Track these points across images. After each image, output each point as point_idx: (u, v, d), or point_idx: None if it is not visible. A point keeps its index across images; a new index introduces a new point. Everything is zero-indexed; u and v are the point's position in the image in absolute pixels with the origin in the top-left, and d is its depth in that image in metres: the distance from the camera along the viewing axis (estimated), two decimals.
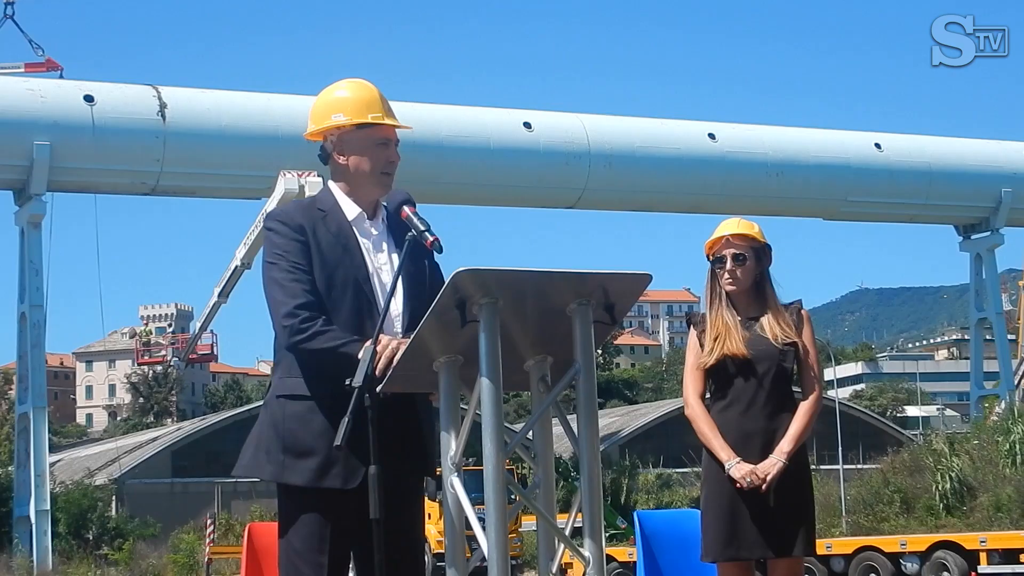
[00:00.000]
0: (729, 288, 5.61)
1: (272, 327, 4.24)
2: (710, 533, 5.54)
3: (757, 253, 5.61)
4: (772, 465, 5.41)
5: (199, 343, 55.53)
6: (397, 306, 4.27)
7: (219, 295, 38.93)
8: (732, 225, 5.67)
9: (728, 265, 5.59)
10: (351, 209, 4.34)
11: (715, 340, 5.55)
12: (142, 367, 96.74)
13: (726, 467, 5.45)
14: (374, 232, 4.35)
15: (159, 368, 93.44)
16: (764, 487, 5.38)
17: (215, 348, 64.58)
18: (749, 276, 5.60)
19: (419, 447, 4.29)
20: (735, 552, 5.47)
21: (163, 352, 67.12)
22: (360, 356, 3.95)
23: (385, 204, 4.36)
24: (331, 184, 4.42)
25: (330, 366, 4.11)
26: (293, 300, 4.17)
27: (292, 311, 4.15)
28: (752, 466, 5.41)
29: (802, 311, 5.67)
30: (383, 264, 4.32)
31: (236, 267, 36.70)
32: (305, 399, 4.21)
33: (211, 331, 55.46)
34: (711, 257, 5.67)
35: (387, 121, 4.33)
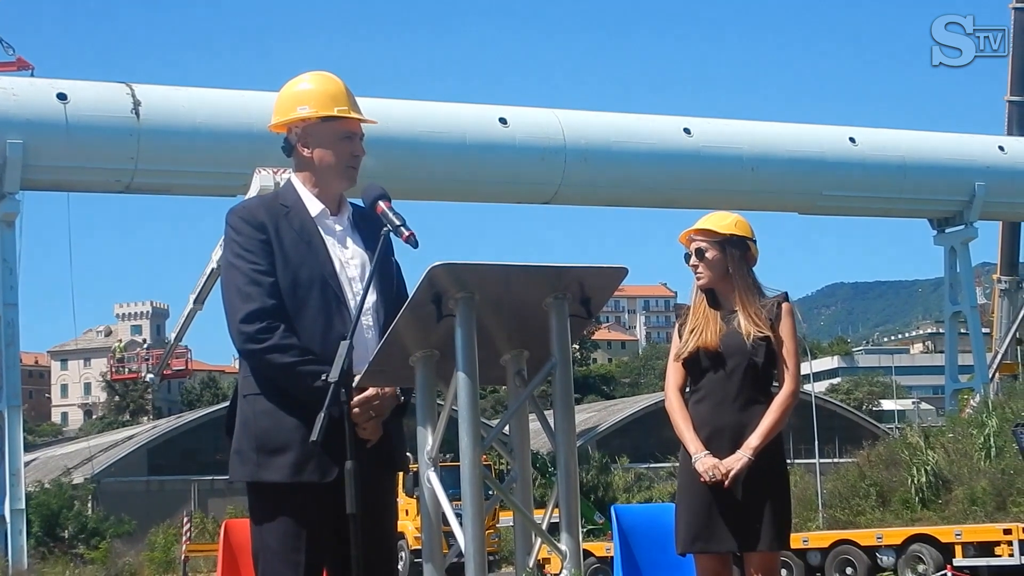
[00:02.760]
0: (698, 282, 5.65)
1: (228, 329, 4.18)
2: (681, 525, 5.57)
3: (721, 246, 5.62)
4: (737, 460, 5.42)
5: (173, 358, 55.12)
6: (368, 301, 4.21)
7: (195, 302, 38.68)
8: (700, 220, 5.72)
9: (691, 260, 5.65)
10: (314, 205, 4.29)
11: (691, 332, 5.59)
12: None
13: (692, 460, 5.48)
14: (338, 228, 4.31)
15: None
16: (727, 482, 5.40)
17: (188, 363, 64.07)
18: (715, 268, 5.61)
19: (392, 442, 4.26)
20: (704, 545, 5.49)
21: (136, 367, 66.44)
22: (336, 354, 3.90)
23: (360, 200, 4.32)
24: (294, 178, 4.35)
25: (284, 383, 4.08)
26: (249, 305, 4.10)
27: (247, 317, 4.09)
28: (717, 460, 5.43)
29: (783, 304, 5.65)
30: (349, 260, 4.26)
31: (212, 270, 36.49)
32: (274, 395, 4.15)
33: (185, 346, 55.07)
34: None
35: (353, 115, 4.30)
